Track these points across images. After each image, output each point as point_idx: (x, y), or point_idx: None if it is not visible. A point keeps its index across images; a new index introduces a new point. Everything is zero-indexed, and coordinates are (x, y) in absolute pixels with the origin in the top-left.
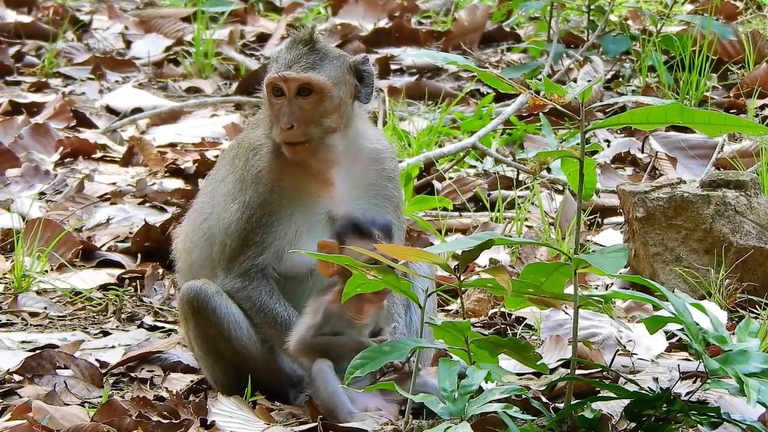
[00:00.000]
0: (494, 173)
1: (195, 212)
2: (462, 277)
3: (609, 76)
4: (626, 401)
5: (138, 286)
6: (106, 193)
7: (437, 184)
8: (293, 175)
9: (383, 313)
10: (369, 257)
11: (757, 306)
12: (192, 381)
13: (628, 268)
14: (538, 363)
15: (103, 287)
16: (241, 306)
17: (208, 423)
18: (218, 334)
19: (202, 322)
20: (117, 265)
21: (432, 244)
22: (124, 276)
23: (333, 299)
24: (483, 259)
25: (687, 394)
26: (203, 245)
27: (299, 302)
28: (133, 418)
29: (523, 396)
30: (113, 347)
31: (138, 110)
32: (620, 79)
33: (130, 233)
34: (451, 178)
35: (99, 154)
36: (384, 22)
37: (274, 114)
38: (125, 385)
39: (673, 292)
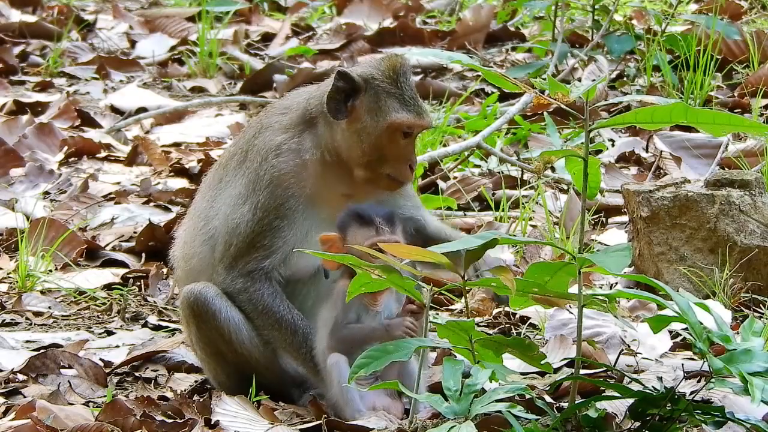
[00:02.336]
0: (499, 173)
1: (193, 218)
2: (466, 277)
3: (613, 76)
4: (630, 400)
5: (142, 285)
6: (111, 193)
7: (442, 184)
8: (316, 185)
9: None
10: (373, 243)
11: (761, 305)
12: (196, 381)
13: (633, 267)
14: (542, 362)
15: (108, 287)
16: (242, 308)
17: (213, 423)
18: (220, 337)
19: (203, 325)
20: (121, 264)
21: None
22: (128, 275)
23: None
24: None
25: (691, 393)
26: (203, 251)
27: (302, 304)
28: (138, 417)
29: (528, 395)
30: (117, 347)
31: (142, 110)
32: (625, 79)
33: (135, 233)
34: (455, 178)
35: (103, 154)
36: (389, 22)
37: (395, 154)
38: (129, 385)
39: (678, 291)
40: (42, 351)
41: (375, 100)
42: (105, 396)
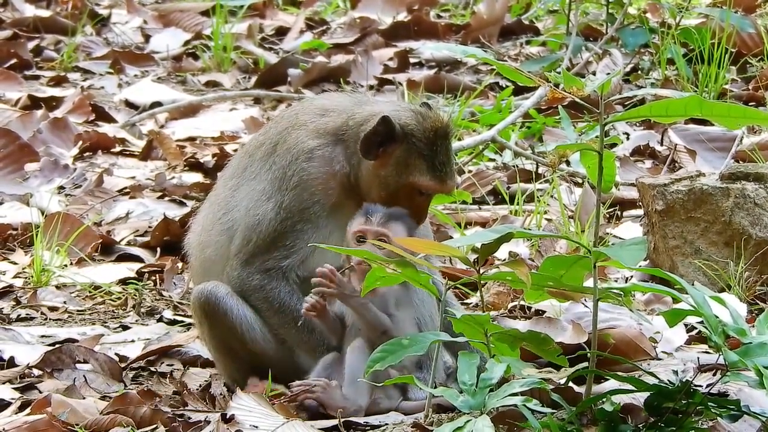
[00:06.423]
0: (513, 166)
1: (213, 205)
2: (481, 270)
3: (628, 69)
4: (646, 394)
5: (157, 280)
6: (125, 187)
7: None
8: (341, 195)
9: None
10: (358, 230)
11: None
12: (211, 375)
13: (648, 260)
14: (557, 356)
15: (123, 281)
16: (256, 306)
17: (228, 417)
18: (232, 335)
19: (215, 324)
20: (136, 259)
21: (451, 238)
22: (143, 270)
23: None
24: (502, 252)
25: (707, 386)
26: (220, 240)
27: None
28: (152, 409)
29: (543, 389)
30: (133, 341)
31: (157, 104)
32: (639, 72)
33: (150, 227)
34: (470, 171)
35: (118, 148)
36: (403, 16)
37: (408, 207)
38: (144, 379)
39: (693, 284)
40: (57, 346)
41: (406, 156)
42: (120, 390)
